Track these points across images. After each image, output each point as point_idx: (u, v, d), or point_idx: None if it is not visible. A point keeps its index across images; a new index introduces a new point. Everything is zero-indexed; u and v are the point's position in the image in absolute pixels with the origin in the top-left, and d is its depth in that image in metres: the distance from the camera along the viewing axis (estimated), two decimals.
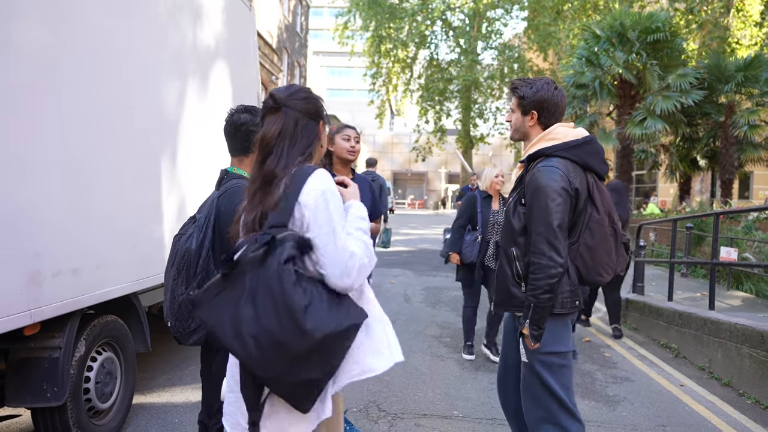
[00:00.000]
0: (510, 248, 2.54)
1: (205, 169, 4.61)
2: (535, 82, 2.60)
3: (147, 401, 4.11)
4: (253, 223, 1.61)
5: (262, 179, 1.63)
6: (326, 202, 1.60)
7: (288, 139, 1.65)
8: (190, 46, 4.47)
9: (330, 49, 47.06)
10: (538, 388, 2.50)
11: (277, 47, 21.59)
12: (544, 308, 2.37)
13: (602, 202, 2.50)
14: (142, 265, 3.78)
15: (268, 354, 1.46)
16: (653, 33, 13.66)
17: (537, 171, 2.45)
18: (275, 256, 1.50)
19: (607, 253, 2.49)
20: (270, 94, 1.69)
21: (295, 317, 1.47)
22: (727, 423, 4.02)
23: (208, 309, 1.51)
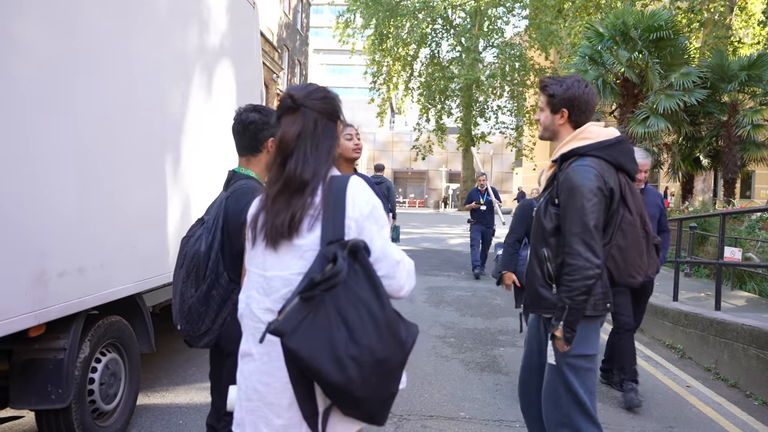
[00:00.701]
0: (541, 249, 2.49)
1: (210, 168, 4.58)
2: (566, 80, 2.54)
3: (151, 402, 4.08)
4: (282, 227, 1.55)
5: (286, 183, 1.58)
6: (371, 213, 1.58)
7: (309, 141, 1.59)
8: (194, 45, 4.44)
9: (330, 47, 47.02)
10: (562, 391, 2.47)
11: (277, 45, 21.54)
12: (579, 310, 2.33)
13: (634, 202, 2.46)
14: (147, 265, 3.76)
15: (369, 374, 1.41)
16: (656, 31, 13.60)
17: (571, 170, 2.39)
18: (362, 269, 1.47)
19: (639, 255, 2.45)
20: (288, 93, 1.63)
21: (394, 329, 1.45)
22: (735, 424, 4.00)
23: (296, 338, 1.39)
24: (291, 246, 1.55)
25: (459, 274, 10.48)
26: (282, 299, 1.54)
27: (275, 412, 1.55)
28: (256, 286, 1.61)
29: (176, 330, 2.29)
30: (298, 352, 1.38)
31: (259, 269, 1.61)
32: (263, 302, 1.58)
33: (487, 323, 6.75)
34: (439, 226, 23.12)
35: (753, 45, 21.29)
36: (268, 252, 1.59)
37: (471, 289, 9.00)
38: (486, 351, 5.56)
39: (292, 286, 1.53)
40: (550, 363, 2.50)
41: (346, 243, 1.48)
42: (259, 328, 1.57)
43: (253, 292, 1.62)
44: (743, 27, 22.01)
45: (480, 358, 5.33)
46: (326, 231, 1.52)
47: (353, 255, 1.47)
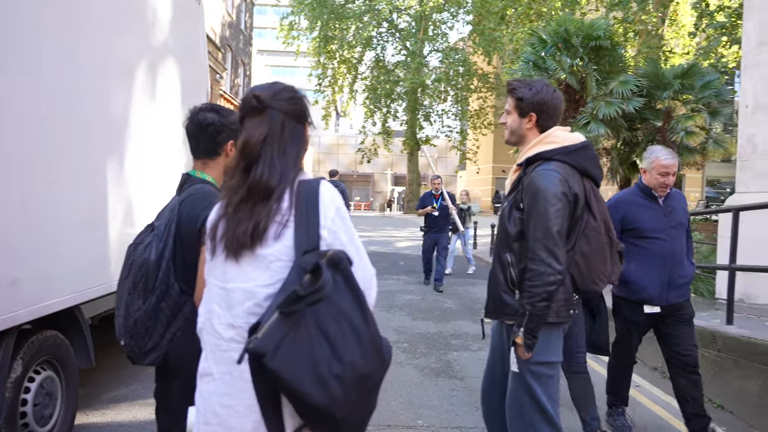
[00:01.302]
0: (504, 254, 2.45)
1: (155, 171, 4.36)
2: (534, 83, 2.51)
3: (90, 421, 3.82)
4: (243, 237, 1.43)
5: (250, 190, 1.45)
6: (343, 219, 1.48)
7: (276, 145, 1.47)
8: (137, 42, 4.21)
9: (275, 49, 46.39)
10: (526, 399, 2.43)
11: (220, 44, 21.03)
12: (541, 317, 2.29)
13: (599, 208, 2.44)
14: (86, 275, 3.52)
15: (351, 392, 1.31)
16: (595, 40, 14.05)
17: (536, 174, 2.36)
18: (344, 281, 1.36)
19: (603, 262, 2.43)
20: (252, 93, 1.50)
21: (377, 344, 1.36)
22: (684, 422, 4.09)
23: (279, 358, 1.27)
24: (254, 256, 1.43)
25: (408, 278, 10.46)
26: (246, 313, 1.41)
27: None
28: (217, 299, 1.48)
29: (117, 343, 2.11)
30: (281, 373, 1.27)
31: (220, 281, 1.48)
32: (225, 317, 1.45)
33: (439, 327, 6.73)
34: (386, 229, 23.12)
35: (683, 55, 22.37)
36: (229, 263, 1.46)
37: (421, 293, 8.98)
38: (440, 356, 5.53)
39: (257, 299, 1.41)
40: (512, 371, 2.46)
41: (325, 253, 1.38)
42: (220, 346, 1.45)
43: (214, 305, 1.49)
44: (674, 38, 23.10)
45: (434, 363, 5.29)
46: (300, 239, 1.41)
47: (334, 266, 1.36)
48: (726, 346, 4.36)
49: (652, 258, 3.49)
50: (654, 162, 3.49)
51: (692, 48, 22.13)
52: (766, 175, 6.69)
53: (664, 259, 3.49)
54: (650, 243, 3.50)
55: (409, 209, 36.90)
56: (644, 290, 3.53)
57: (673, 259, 3.52)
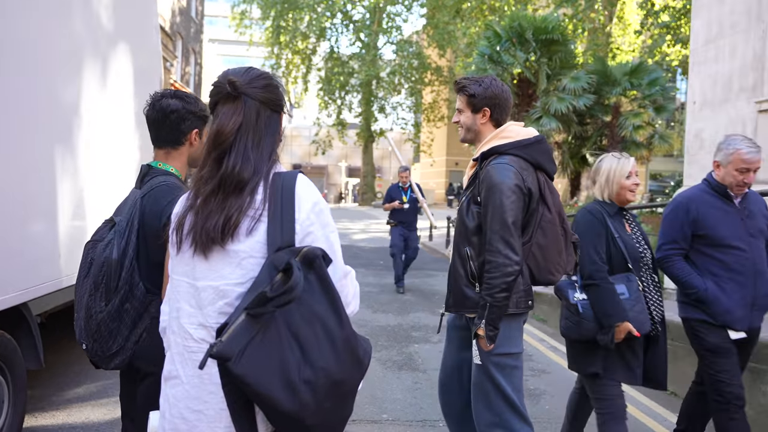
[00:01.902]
0: (464, 248, 2.48)
1: (106, 162, 4.16)
2: (483, 79, 2.56)
3: (40, 423, 3.63)
4: (214, 232, 1.33)
5: (221, 182, 1.36)
6: (319, 215, 1.39)
7: (250, 136, 1.38)
8: (85, 27, 3.99)
9: (227, 38, 45.35)
10: (492, 390, 2.45)
11: (170, 32, 20.37)
12: (501, 308, 2.32)
13: (553, 201, 2.49)
14: (34, 271, 3.32)
15: (323, 398, 1.24)
16: (548, 34, 14.32)
17: (491, 168, 2.41)
18: (318, 281, 1.28)
19: (558, 253, 2.49)
20: (226, 78, 1.40)
21: (352, 347, 1.28)
22: (640, 410, 4.21)
23: (244, 363, 1.18)
24: (225, 252, 1.34)
25: (366, 270, 10.42)
26: (217, 313, 1.33)
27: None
28: (186, 297, 1.38)
29: (69, 341, 1.98)
30: (246, 378, 1.19)
31: (188, 278, 1.39)
32: (195, 316, 1.36)
33: (399, 320, 6.73)
34: (341, 221, 23.01)
35: (629, 53, 23.05)
36: (198, 259, 1.37)
37: (379, 285, 8.97)
38: (401, 349, 5.52)
39: (228, 298, 1.32)
40: (476, 363, 2.48)
41: (299, 250, 1.29)
42: (189, 347, 1.36)
43: (183, 304, 1.39)
44: (621, 35, 23.76)
45: (396, 356, 5.28)
46: (274, 235, 1.32)
47: (308, 264, 1.28)
48: (679, 335, 4.50)
49: (731, 272, 2.92)
50: (733, 155, 2.89)
51: (638, 46, 22.81)
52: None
53: (744, 274, 2.92)
54: (727, 254, 2.92)
55: (363, 201, 36.86)
56: (727, 312, 2.91)
57: (755, 274, 2.93)
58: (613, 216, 2.81)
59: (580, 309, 2.72)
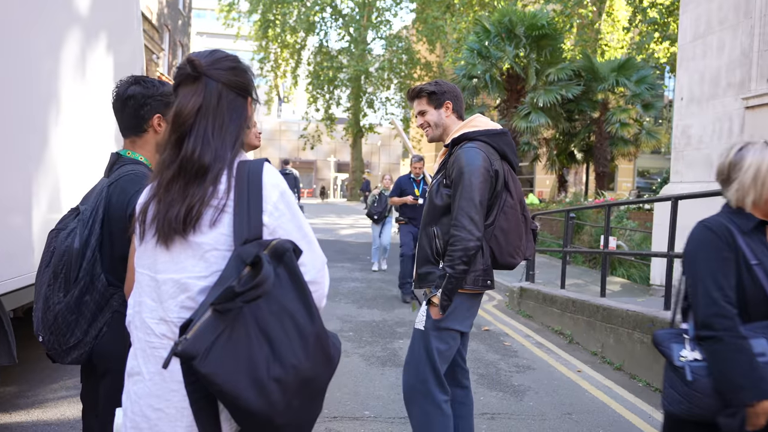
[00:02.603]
0: (432, 227, 2.61)
1: (83, 154, 4.05)
2: (434, 81, 2.77)
3: (13, 420, 3.53)
4: (176, 221, 1.26)
5: (181, 166, 1.28)
6: (288, 205, 1.33)
7: (211, 119, 1.30)
8: (63, 17, 3.88)
9: (215, 31, 44.96)
10: (424, 357, 2.58)
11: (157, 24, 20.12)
12: (458, 279, 2.45)
13: (515, 189, 2.64)
14: (6, 264, 3.22)
15: (293, 397, 1.18)
16: (538, 30, 14.30)
17: (462, 151, 2.56)
18: (288, 274, 1.22)
19: (519, 237, 2.63)
20: (187, 58, 1.32)
21: (323, 344, 1.23)
22: (624, 407, 4.18)
23: (211, 362, 1.12)
24: (188, 244, 1.27)
25: (353, 265, 10.35)
26: (179, 307, 1.26)
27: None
28: (148, 291, 1.32)
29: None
30: (213, 378, 1.12)
31: (150, 271, 1.32)
32: (156, 311, 1.30)
33: (384, 315, 6.67)
34: (329, 216, 22.93)
35: (618, 49, 23.09)
36: (160, 250, 1.30)
37: (366, 280, 8.91)
38: (385, 344, 5.46)
39: (190, 292, 1.26)
40: (417, 328, 2.63)
41: (268, 243, 1.23)
42: (151, 342, 1.30)
43: (144, 298, 1.32)
44: (610, 32, 23.79)
45: (380, 352, 5.22)
46: (240, 227, 1.25)
47: (278, 257, 1.22)
48: None
49: None
50: None
51: (626, 43, 22.86)
52: (700, 165, 6.95)
53: None
54: None
55: (352, 197, 36.77)
56: None
57: None
58: (749, 234, 1.86)
59: (689, 375, 1.80)
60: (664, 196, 6.29)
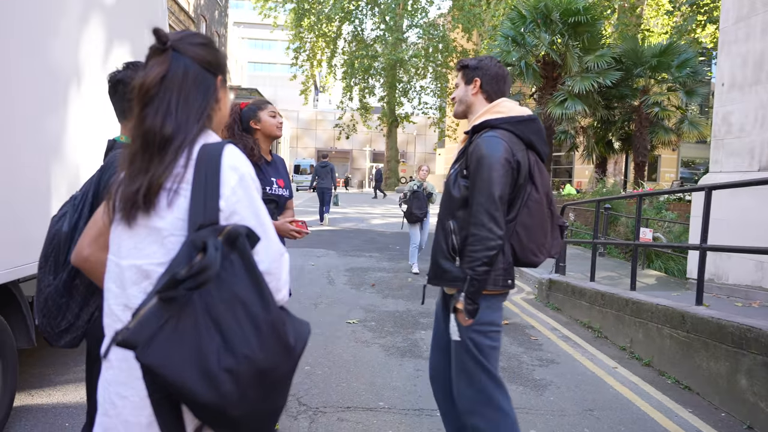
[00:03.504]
0: (448, 221, 2.43)
1: (102, 139, 4.09)
2: (483, 58, 2.59)
3: (35, 402, 3.62)
4: (136, 196, 1.23)
5: (144, 138, 1.25)
6: (246, 189, 1.27)
7: (175, 91, 1.26)
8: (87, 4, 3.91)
9: (251, 21, 45.33)
10: (472, 365, 2.42)
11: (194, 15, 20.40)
12: (481, 282, 2.28)
13: (542, 182, 2.43)
14: (25, 249, 3.27)
15: (248, 388, 1.14)
16: (574, 15, 13.89)
17: (481, 140, 2.37)
18: (240, 261, 1.17)
19: (543, 234, 2.44)
20: (154, 31, 1.28)
21: (279, 333, 1.18)
22: (650, 404, 4.02)
23: (153, 351, 1.09)
24: (149, 228, 1.24)
25: (381, 255, 10.31)
26: (142, 293, 1.23)
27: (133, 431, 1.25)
28: (113, 276, 1.30)
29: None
30: (156, 369, 1.08)
31: (115, 257, 1.30)
32: (120, 297, 1.27)
33: (408, 305, 6.61)
34: (362, 206, 22.95)
35: (661, 34, 22.33)
36: (124, 234, 1.28)
37: (393, 270, 8.85)
38: (407, 335, 5.40)
39: (152, 278, 1.23)
40: (454, 340, 2.45)
41: (222, 228, 1.18)
42: (117, 329, 1.26)
43: (110, 284, 1.30)
44: (654, 16, 23.02)
45: (401, 342, 5.16)
46: (195, 212, 1.20)
47: (231, 243, 1.17)
48: (695, 327, 4.29)
49: None
50: None
51: (670, 28, 22.08)
52: (740, 154, 6.63)
53: None
54: None
55: (386, 186, 36.73)
56: None
57: None
58: None
59: None
60: (697, 186, 6.02)
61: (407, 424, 3.51)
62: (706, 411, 3.94)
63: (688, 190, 7.37)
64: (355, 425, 3.46)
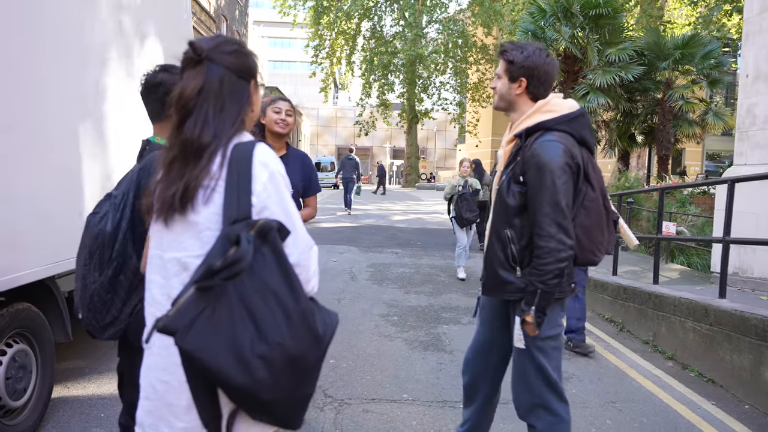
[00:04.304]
0: (504, 230, 2.36)
1: (131, 142, 4.22)
2: (527, 46, 2.41)
3: (71, 394, 3.76)
4: (173, 200, 1.32)
5: (182, 147, 1.34)
6: (276, 186, 1.35)
7: (212, 102, 1.34)
8: (114, 6, 4.03)
9: (271, 19, 45.64)
10: (533, 373, 2.41)
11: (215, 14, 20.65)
12: (552, 294, 2.24)
13: (597, 179, 2.37)
14: (60, 245, 3.39)
15: (280, 374, 1.22)
16: (595, 8, 13.76)
17: (539, 146, 2.26)
18: (272, 254, 1.25)
19: (601, 233, 2.39)
20: (189, 43, 1.36)
21: (309, 322, 1.26)
22: (673, 397, 4.04)
23: (191, 337, 1.17)
24: (187, 223, 1.33)
25: (402, 251, 10.38)
26: (181, 284, 1.33)
27: (175, 414, 1.34)
28: (157, 268, 1.39)
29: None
30: (194, 353, 1.17)
31: (158, 250, 1.39)
32: (164, 287, 1.37)
33: (431, 300, 6.67)
34: (383, 202, 23.02)
35: (684, 26, 21.98)
36: (165, 230, 1.37)
37: (414, 266, 8.91)
38: (429, 329, 5.47)
39: (190, 270, 1.32)
40: (518, 347, 2.41)
41: (254, 223, 1.26)
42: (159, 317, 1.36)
43: (154, 275, 1.40)
44: (677, 7, 22.67)
45: (423, 336, 5.23)
46: (229, 207, 1.29)
47: (262, 237, 1.25)
48: (718, 319, 4.29)
49: None
50: None
51: (694, 19, 21.73)
52: (765, 146, 6.55)
53: None
54: None
55: (407, 183, 36.73)
56: None
57: None
58: None
59: None
60: (719, 179, 5.97)
61: (431, 416, 3.57)
62: (730, 403, 3.95)
63: (710, 183, 7.32)
64: (380, 416, 3.54)
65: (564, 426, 2.46)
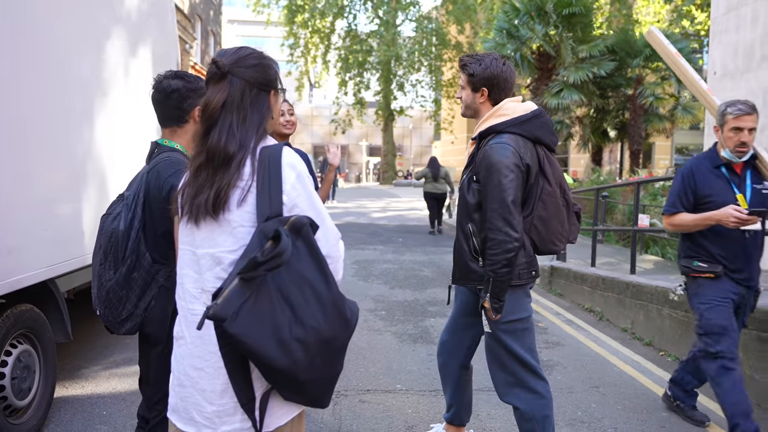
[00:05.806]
0: (466, 224, 2.59)
1: (128, 142, 4.28)
2: (484, 58, 2.62)
3: (71, 394, 3.82)
4: (205, 205, 1.43)
5: (209, 156, 1.45)
6: (304, 185, 1.48)
7: (235, 112, 1.46)
8: (107, 11, 4.09)
9: (245, 18, 45.31)
10: (504, 354, 2.60)
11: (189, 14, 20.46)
12: (504, 281, 2.43)
13: (553, 174, 2.56)
14: (60, 248, 3.46)
15: (315, 356, 1.35)
16: (568, 7, 14.08)
17: (489, 148, 2.48)
18: (305, 247, 1.37)
19: (560, 224, 2.58)
20: (213, 59, 1.48)
21: (340, 308, 1.39)
22: (652, 380, 4.25)
23: (238, 323, 1.28)
24: (219, 222, 1.44)
25: (385, 247, 10.52)
26: (214, 278, 1.44)
27: (208, 398, 1.45)
28: (189, 263, 1.50)
29: (95, 315, 2.13)
30: (241, 338, 1.29)
31: (190, 246, 1.50)
32: (198, 281, 1.48)
33: (416, 295, 6.82)
34: (361, 200, 23.12)
35: (654, 23, 22.50)
36: (196, 228, 1.48)
37: (397, 262, 9.06)
38: (417, 322, 5.62)
39: (223, 264, 1.43)
40: (486, 331, 2.63)
41: (287, 219, 1.39)
42: (193, 310, 1.48)
43: (187, 270, 1.51)
44: (645, 5, 23.18)
45: (412, 329, 5.37)
46: (262, 206, 1.41)
47: (296, 231, 1.37)
48: None
49: None
50: None
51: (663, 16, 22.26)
52: None
53: None
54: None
55: (384, 180, 36.88)
56: None
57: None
58: None
59: None
60: None
61: (425, 404, 3.72)
62: (706, 385, 4.16)
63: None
64: (377, 406, 3.68)
65: (544, 402, 2.62)
